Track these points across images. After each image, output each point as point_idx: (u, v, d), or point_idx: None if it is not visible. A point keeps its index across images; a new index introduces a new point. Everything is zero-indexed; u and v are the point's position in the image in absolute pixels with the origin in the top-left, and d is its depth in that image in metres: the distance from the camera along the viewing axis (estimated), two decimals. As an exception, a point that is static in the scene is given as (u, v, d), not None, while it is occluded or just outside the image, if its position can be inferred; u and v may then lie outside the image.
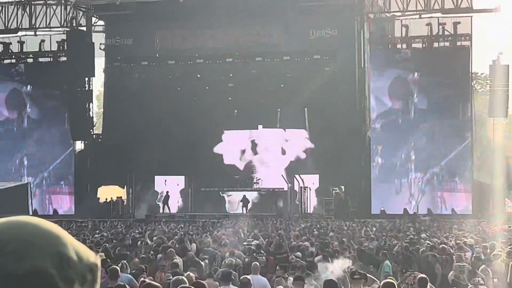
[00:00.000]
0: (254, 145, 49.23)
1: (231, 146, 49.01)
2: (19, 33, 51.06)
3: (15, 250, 1.53)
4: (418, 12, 46.17)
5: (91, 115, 50.03)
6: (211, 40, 48.18)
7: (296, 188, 46.86)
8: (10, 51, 51.37)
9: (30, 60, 51.13)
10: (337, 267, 14.76)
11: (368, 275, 12.47)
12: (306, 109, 46.60)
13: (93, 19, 51.16)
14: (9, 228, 1.57)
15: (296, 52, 47.70)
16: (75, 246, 1.60)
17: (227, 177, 47.21)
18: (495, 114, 45.27)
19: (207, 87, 49.05)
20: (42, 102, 50.07)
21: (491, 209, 41.63)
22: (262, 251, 18.99)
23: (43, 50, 50.77)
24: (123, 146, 47.86)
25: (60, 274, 1.53)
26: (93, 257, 1.63)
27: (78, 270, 1.57)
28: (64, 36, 50.30)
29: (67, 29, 50.27)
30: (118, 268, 12.73)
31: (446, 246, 19.48)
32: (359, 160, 45.67)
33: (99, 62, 50.66)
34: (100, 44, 50.48)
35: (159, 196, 48.98)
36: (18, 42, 51.10)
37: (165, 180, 49.38)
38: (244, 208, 46.66)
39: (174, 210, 48.52)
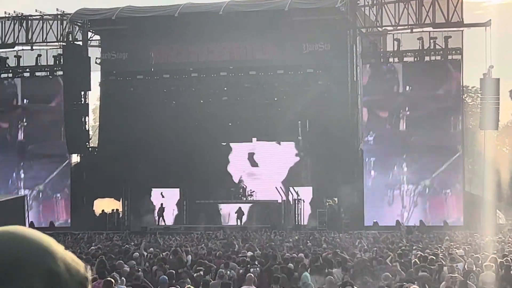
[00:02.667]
0: (249, 157, 49.68)
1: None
2: (16, 48, 51.47)
3: (4, 269, 1.49)
4: (409, 27, 46.71)
5: (87, 129, 50.40)
6: (205, 54, 48.61)
7: (290, 200, 47.31)
8: (7, 65, 51.78)
9: (26, 75, 51.54)
10: (327, 282, 15.21)
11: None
12: (299, 122, 47.12)
13: (89, 34, 51.54)
14: None
15: (290, 66, 48.13)
16: (65, 260, 1.57)
17: (222, 190, 47.62)
18: (486, 126, 45.76)
19: (201, 101, 49.51)
20: (38, 115, 50.42)
21: (482, 221, 42.02)
22: (256, 263, 19.32)
23: (39, 64, 51.19)
24: (119, 159, 48.21)
25: None
26: (84, 270, 1.61)
27: (67, 286, 1.55)
28: (60, 51, 50.73)
29: (63, 43, 50.66)
30: (113, 281, 13.12)
31: (437, 258, 19.86)
32: (352, 172, 46.09)
33: (95, 76, 51.07)
34: (96, 58, 50.86)
35: (156, 208, 49.38)
36: (15, 56, 51.50)
37: (161, 193, 49.80)
38: (238, 220, 47.06)
39: (169, 222, 48.90)
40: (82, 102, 49.59)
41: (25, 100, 51.19)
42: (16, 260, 1.50)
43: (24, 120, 50.92)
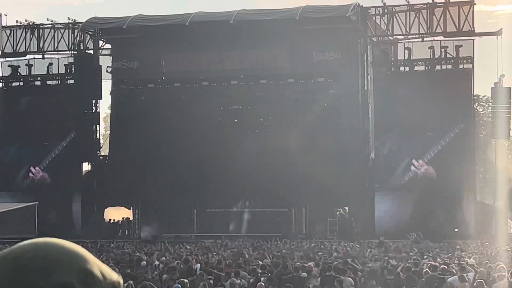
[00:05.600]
0: (259, 165, 49.64)
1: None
2: (28, 56, 51.68)
3: (42, 267, 1.58)
4: (420, 36, 46.67)
5: (98, 137, 50.51)
6: (216, 63, 48.67)
7: (301, 208, 47.23)
8: (18, 74, 51.97)
9: (38, 83, 51.72)
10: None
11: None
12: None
13: (100, 43, 51.74)
14: (35, 247, 1.63)
15: (300, 75, 48.14)
16: (98, 265, 1.66)
17: (232, 198, 47.62)
18: (497, 136, 45.64)
19: (212, 109, 49.50)
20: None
21: (494, 230, 41.85)
22: (267, 272, 19.26)
23: (51, 73, 51.38)
24: (130, 167, 48.29)
25: None
26: (116, 276, 1.69)
27: (102, 287, 1.63)
28: (71, 59, 50.94)
29: (75, 52, 50.88)
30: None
31: (448, 267, 19.76)
32: (362, 181, 45.99)
33: (106, 85, 51.24)
34: (107, 67, 50.98)
35: (167, 217, 49.38)
36: (26, 65, 51.70)
37: (171, 200, 49.78)
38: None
39: (179, 231, 48.86)
40: (93, 111, 49.75)
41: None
42: (53, 260, 1.60)
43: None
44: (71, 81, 50.62)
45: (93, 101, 49.60)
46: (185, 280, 16.29)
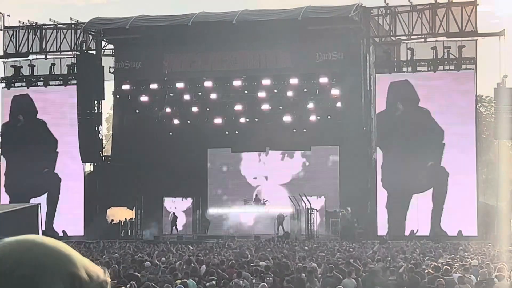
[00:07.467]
0: (261, 166, 49.65)
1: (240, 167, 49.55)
2: (30, 57, 51.65)
3: (27, 273, 1.53)
4: (423, 36, 46.62)
5: (100, 137, 50.51)
6: (219, 63, 48.65)
7: (303, 209, 47.23)
8: (21, 74, 51.97)
9: (40, 84, 51.69)
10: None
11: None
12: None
13: (103, 43, 51.70)
14: (18, 250, 1.58)
15: (303, 75, 48.12)
16: (84, 265, 1.62)
17: (235, 199, 47.63)
18: (500, 136, 45.57)
19: (214, 110, 49.54)
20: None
21: (496, 231, 41.83)
22: (269, 273, 19.26)
23: (53, 73, 51.38)
24: (132, 168, 48.34)
25: None
26: (103, 275, 1.67)
27: None
28: (74, 60, 50.91)
29: (77, 52, 50.83)
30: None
31: (450, 268, 19.74)
32: (365, 181, 45.98)
33: (109, 85, 51.21)
34: (110, 67, 50.98)
35: (170, 217, 49.44)
36: (28, 65, 51.68)
37: (174, 203, 49.85)
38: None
39: (182, 231, 48.91)
40: (96, 111, 49.72)
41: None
42: (38, 265, 1.54)
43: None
44: (74, 82, 50.61)
45: (96, 102, 49.58)
46: (187, 281, 16.29)
